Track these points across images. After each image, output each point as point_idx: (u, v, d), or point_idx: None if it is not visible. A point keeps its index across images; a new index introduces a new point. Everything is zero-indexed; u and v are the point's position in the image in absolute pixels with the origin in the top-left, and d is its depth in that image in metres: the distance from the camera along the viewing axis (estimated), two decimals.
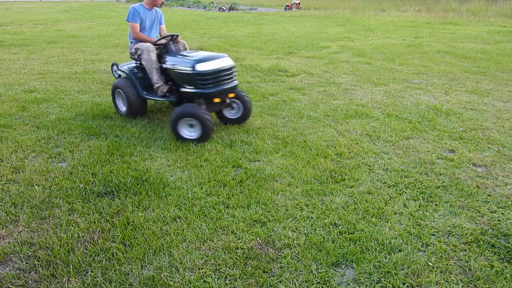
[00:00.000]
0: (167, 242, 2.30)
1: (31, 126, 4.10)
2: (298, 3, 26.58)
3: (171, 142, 3.70)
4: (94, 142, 3.70)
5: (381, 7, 24.62)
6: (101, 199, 2.73)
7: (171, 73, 3.95)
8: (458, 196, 2.85)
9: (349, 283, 2.02)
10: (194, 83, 3.70)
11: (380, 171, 3.23)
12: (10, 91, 5.44)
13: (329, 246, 2.27)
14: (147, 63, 3.99)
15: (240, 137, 3.87)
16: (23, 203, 2.66)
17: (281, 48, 9.69)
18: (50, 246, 2.24)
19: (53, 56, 8.30)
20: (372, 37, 12.05)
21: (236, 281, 2.02)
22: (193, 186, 2.92)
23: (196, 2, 32.85)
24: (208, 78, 3.66)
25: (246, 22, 16.93)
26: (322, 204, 2.72)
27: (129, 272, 2.07)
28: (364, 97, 5.44)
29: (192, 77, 3.67)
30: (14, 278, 2.01)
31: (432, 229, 2.46)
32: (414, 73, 7.01)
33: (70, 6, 27.69)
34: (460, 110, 4.86)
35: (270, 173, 3.14)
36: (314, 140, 3.83)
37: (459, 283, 2.03)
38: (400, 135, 4.02)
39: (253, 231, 2.41)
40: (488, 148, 3.73)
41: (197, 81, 3.67)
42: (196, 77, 3.65)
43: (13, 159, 3.34)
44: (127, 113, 4.37)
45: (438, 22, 16.54)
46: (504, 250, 2.27)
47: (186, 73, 3.71)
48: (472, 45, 10.18)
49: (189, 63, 3.68)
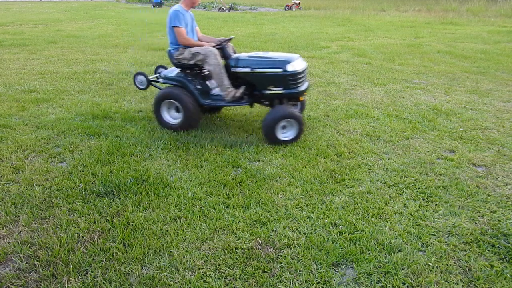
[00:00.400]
0: (167, 242, 2.30)
1: (31, 126, 4.09)
2: (298, 3, 26.58)
3: (171, 142, 3.70)
4: (94, 142, 3.70)
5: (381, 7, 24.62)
6: (101, 199, 2.73)
7: (248, 76, 3.80)
8: (458, 196, 2.85)
9: (349, 283, 2.02)
10: (284, 83, 3.71)
11: (380, 171, 3.23)
12: (10, 91, 5.44)
13: (329, 246, 2.27)
14: (215, 67, 3.75)
15: (240, 137, 3.87)
16: (23, 203, 2.66)
17: (281, 48, 9.68)
18: (50, 246, 2.24)
19: (53, 56, 8.30)
20: (372, 37, 12.05)
21: (236, 281, 2.02)
22: (193, 186, 2.92)
23: None
24: (298, 78, 3.72)
25: (246, 22, 16.93)
26: (322, 204, 2.72)
27: (129, 272, 2.07)
28: (364, 97, 5.44)
29: (282, 78, 3.68)
30: (14, 278, 2.01)
31: (432, 229, 2.46)
32: (414, 73, 7.01)
33: (70, 6, 27.69)
34: (460, 110, 4.86)
35: (270, 173, 3.14)
36: (314, 140, 3.83)
37: (459, 283, 2.03)
38: (400, 135, 4.02)
39: (253, 231, 2.41)
40: (488, 148, 3.73)
41: (288, 82, 3.69)
42: (288, 78, 3.67)
43: (13, 159, 3.34)
44: (181, 125, 3.96)
45: (438, 22, 16.54)
46: (504, 250, 2.27)
47: (276, 75, 3.68)
48: (472, 45, 10.18)
49: (279, 64, 3.67)
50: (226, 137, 3.87)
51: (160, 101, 3.96)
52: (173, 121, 4.04)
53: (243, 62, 3.79)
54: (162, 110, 4.02)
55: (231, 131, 4.05)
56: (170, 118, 4.06)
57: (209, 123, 4.30)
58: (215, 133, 3.97)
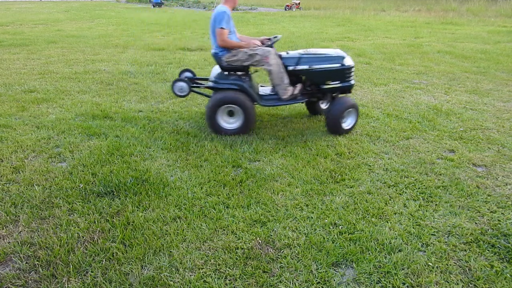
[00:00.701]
0: (167, 242, 2.30)
1: (31, 126, 4.09)
2: (298, 3, 26.59)
3: (171, 142, 3.70)
4: (94, 142, 3.70)
5: (381, 7, 24.63)
6: (101, 199, 2.73)
7: (307, 73, 3.92)
8: (458, 196, 2.85)
9: (349, 283, 2.02)
10: (341, 77, 3.94)
11: (380, 171, 3.23)
12: (10, 91, 5.44)
13: (329, 246, 2.27)
14: (277, 67, 3.77)
15: (240, 137, 3.87)
16: (23, 203, 2.66)
17: (281, 48, 9.68)
18: (50, 246, 2.24)
19: (53, 56, 8.30)
20: (372, 37, 12.05)
21: (236, 281, 2.02)
22: (193, 186, 2.92)
23: (196, 2, 32.87)
24: (351, 72, 3.98)
25: (246, 22, 16.93)
26: (322, 204, 2.72)
27: (129, 272, 2.07)
28: (364, 97, 5.44)
29: (340, 72, 3.90)
30: (14, 278, 2.01)
31: (432, 229, 2.46)
32: (414, 73, 7.01)
33: (70, 6, 27.70)
34: (460, 110, 4.86)
35: (270, 173, 3.14)
36: (314, 140, 3.83)
37: (459, 283, 2.03)
38: (400, 135, 4.02)
39: (253, 231, 2.41)
40: (488, 148, 3.73)
41: (345, 75, 3.93)
42: (345, 72, 3.91)
43: (13, 159, 3.34)
44: (241, 129, 3.90)
45: (438, 22, 16.55)
46: (504, 250, 2.27)
47: (335, 70, 3.87)
48: (472, 45, 10.18)
49: (337, 60, 3.88)
50: (226, 137, 3.87)
51: (218, 106, 3.80)
52: (229, 126, 3.93)
53: (303, 60, 3.87)
54: (218, 116, 3.86)
55: None
56: (225, 124, 3.94)
57: None
58: (215, 133, 3.97)
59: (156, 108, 4.83)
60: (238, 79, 3.85)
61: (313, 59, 3.87)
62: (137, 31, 13.27)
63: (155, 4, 30.15)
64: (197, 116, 4.54)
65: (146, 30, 13.48)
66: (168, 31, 13.37)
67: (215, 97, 3.81)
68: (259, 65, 3.82)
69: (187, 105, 4.98)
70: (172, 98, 5.26)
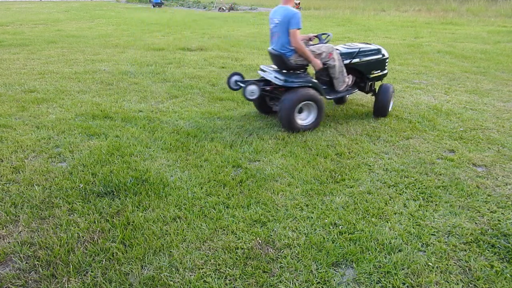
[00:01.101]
0: (167, 242, 2.30)
1: (31, 126, 4.09)
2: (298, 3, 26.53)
3: (171, 142, 3.70)
4: (94, 142, 3.70)
5: (381, 7, 24.61)
6: (101, 199, 2.73)
7: (359, 66, 4.40)
8: (458, 196, 2.85)
9: (349, 283, 2.02)
10: (381, 67, 4.54)
11: (380, 171, 3.23)
12: (10, 91, 5.44)
13: (329, 246, 2.27)
14: (339, 62, 4.18)
15: (240, 137, 3.87)
16: (23, 203, 2.66)
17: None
18: (50, 246, 2.24)
19: (53, 56, 8.30)
20: (372, 37, 12.05)
21: (236, 281, 2.02)
22: (193, 186, 2.92)
23: (196, 2, 32.85)
24: (388, 61, 4.61)
25: (246, 22, 16.94)
26: (322, 204, 2.72)
27: (129, 272, 2.07)
28: (364, 97, 5.44)
29: (382, 62, 4.51)
30: (14, 278, 2.01)
31: (432, 229, 2.46)
32: (414, 73, 7.01)
33: (70, 6, 27.70)
34: (460, 110, 4.87)
35: (270, 173, 3.14)
36: (314, 140, 3.83)
37: (459, 283, 2.03)
38: (400, 135, 4.02)
39: (253, 231, 2.41)
40: (488, 148, 3.73)
41: (384, 65, 4.56)
42: (385, 61, 4.55)
43: (13, 159, 3.34)
44: (314, 124, 4.07)
45: (438, 22, 16.54)
46: (504, 250, 2.27)
47: (379, 60, 4.46)
48: (472, 45, 10.18)
49: (379, 52, 4.46)
50: (226, 137, 3.87)
51: (296, 104, 3.87)
52: (304, 122, 4.06)
53: (358, 55, 4.32)
54: (295, 113, 3.92)
55: (231, 131, 4.05)
56: (301, 121, 4.06)
57: (209, 123, 4.31)
58: (215, 133, 3.97)
59: (156, 108, 4.83)
60: (309, 77, 4.07)
61: (363, 53, 4.36)
62: (137, 31, 13.28)
63: (155, 4, 30.14)
64: (197, 116, 4.54)
65: (146, 30, 13.48)
66: (168, 31, 13.37)
67: (292, 96, 3.86)
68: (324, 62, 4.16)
69: (187, 105, 4.98)
70: (172, 98, 5.26)
